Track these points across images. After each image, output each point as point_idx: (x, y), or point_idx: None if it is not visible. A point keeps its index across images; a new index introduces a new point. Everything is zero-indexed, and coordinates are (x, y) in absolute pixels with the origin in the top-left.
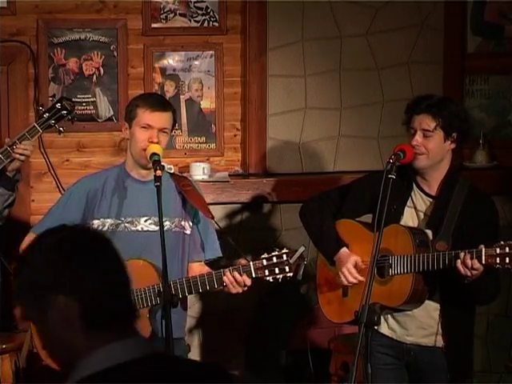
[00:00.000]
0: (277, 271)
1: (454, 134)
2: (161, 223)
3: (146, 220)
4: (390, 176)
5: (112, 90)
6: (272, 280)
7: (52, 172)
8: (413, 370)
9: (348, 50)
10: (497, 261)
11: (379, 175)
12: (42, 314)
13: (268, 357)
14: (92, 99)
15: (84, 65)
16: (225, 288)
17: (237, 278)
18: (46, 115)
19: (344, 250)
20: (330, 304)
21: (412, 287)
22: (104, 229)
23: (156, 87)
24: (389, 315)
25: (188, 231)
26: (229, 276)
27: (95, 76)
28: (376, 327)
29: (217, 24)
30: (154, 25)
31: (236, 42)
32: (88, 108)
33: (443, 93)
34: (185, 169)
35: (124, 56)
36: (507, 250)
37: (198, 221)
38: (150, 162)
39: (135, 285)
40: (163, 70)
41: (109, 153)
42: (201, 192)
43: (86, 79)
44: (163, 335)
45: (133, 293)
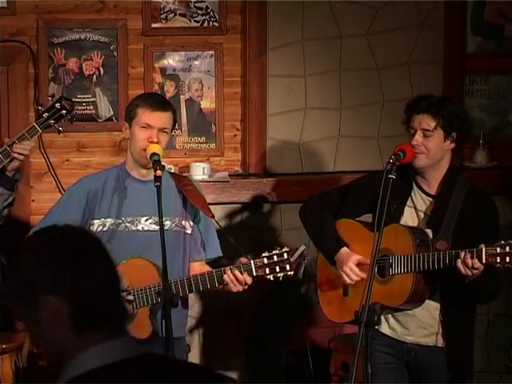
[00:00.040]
0: (277, 269)
1: (454, 134)
2: (161, 223)
3: (147, 220)
4: (390, 176)
5: (112, 90)
6: (273, 278)
7: (52, 172)
8: (413, 370)
9: (348, 50)
10: (497, 260)
11: (379, 175)
12: (33, 315)
13: (268, 357)
14: (92, 99)
15: (84, 65)
16: (225, 286)
17: (238, 277)
18: (46, 115)
19: (344, 250)
20: (331, 304)
21: (412, 287)
22: (104, 229)
23: (156, 87)
24: (389, 315)
25: (189, 230)
26: (229, 274)
27: (95, 76)
28: (376, 327)
29: (217, 24)
30: (154, 25)
31: (236, 42)
32: (88, 108)
33: (443, 93)
34: (185, 169)
35: (124, 56)
36: (507, 250)
37: (199, 220)
38: (151, 162)
39: (136, 284)
40: (163, 70)
41: (109, 153)
42: (201, 191)
43: (86, 79)
44: (163, 335)
45: (134, 292)
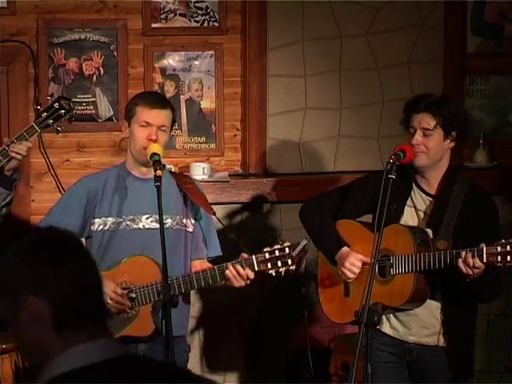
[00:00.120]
0: (279, 264)
1: (454, 133)
2: (161, 223)
3: (148, 218)
4: (390, 176)
5: (112, 90)
6: (275, 274)
7: (52, 172)
8: (414, 370)
9: (348, 50)
10: (498, 259)
11: (379, 175)
12: (15, 314)
13: (268, 357)
14: (92, 99)
15: (84, 65)
16: (228, 282)
17: (239, 272)
18: (44, 115)
19: (345, 249)
20: (332, 304)
21: (414, 287)
22: (105, 228)
23: (156, 87)
24: (391, 315)
25: (190, 229)
26: (231, 270)
27: (95, 76)
28: (378, 326)
29: (217, 24)
30: (154, 25)
31: (236, 42)
32: (88, 108)
33: (443, 93)
34: (185, 169)
35: (124, 56)
36: (508, 248)
37: (200, 217)
38: (151, 162)
39: (138, 281)
40: (163, 70)
41: (109, 153)
42: (201, 189)
43: (86, 79)
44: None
45: (136, 289)
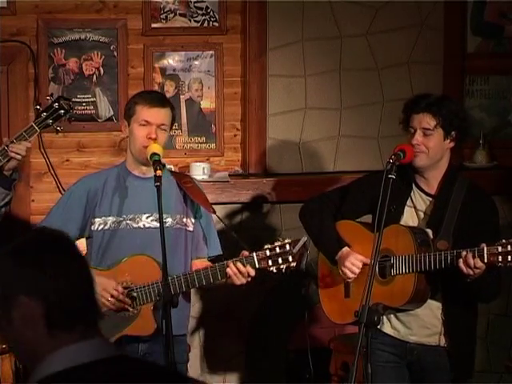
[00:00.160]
0: (280, 261)
1: (453, 133)
2: (161, 223)
3: (148, 217)
4: (390, 176)
5: (112, 90)
6: (276, 271)
7: (52, 172)
8: (415, 370)
9: (348, 50)
10: (499, 259)
11: (379, 175)
12: (6, 314)
13: (268, 357)
14: (92, 99)
15: (84, 65)
16: (228, 280)
17: (240, 269)
18: (44, 114)
19: (346, 249)
20: (332, 305)
21: (414, 287)
22: (106, 227)
23: (156, 87)
24: (392, 315)
25: (190, 228)
26: (232, 267)
27: (95, 76)
28: (378, 326)
29: (217, 24)
30: (154, 25)
31: (236, 42)
32: (88, 108)
33: (443, 93)
34: (185, 169)
35: (124, 56)
36: (509, 248)
37: (200, 216)
38: (151, 162)
39: (138, 281)
40: (163, 70)
41: (109, 153)
42: (201, 188)
43: (86, 79)
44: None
45: (137, 288)
